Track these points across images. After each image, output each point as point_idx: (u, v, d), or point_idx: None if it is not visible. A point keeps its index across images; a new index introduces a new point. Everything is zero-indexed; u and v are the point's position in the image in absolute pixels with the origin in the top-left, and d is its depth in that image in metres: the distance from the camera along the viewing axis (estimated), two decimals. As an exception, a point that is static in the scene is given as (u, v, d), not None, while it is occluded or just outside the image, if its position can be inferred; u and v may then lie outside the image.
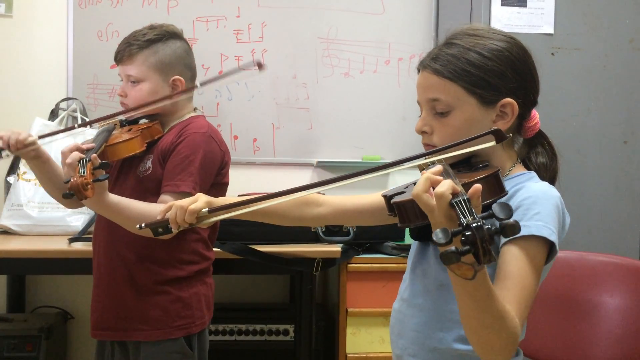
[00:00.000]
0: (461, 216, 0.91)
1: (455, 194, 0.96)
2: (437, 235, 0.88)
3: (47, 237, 2.50)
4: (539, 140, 1.31)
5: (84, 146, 1.67)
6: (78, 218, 2.56)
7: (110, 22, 2.88)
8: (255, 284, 3.06)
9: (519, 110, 1.22)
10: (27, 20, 2.88)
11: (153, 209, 1.68)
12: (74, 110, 2.84)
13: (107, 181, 1.64)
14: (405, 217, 1.08)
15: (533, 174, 1.26)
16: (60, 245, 2.31)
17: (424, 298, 1.27)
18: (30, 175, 2.60)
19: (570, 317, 1.64)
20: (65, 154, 1.63)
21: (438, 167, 1.05)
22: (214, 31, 2.93)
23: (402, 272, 1.37)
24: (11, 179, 2.69)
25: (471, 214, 0.91)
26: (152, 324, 1.81)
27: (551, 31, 2.59)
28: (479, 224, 0.87)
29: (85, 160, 1.57)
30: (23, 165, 2.62)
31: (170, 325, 1.82)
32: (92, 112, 2.87)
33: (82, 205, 2.01)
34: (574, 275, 1.67)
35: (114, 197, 1.68)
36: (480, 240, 0.86)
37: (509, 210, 0.89)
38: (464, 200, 0.94)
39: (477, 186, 0.97)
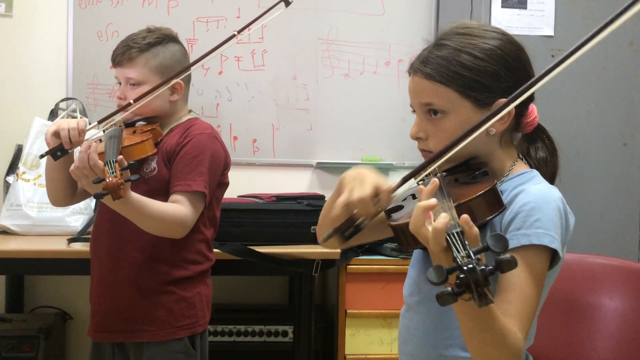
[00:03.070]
0: (455, 251, 0.88)
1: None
2: (431, 274, 0.85)
3: (46, 237, 2.49)
4: (539, 135, 1.28)
5: (99, 149, 1.64)
6: (77, 218, 2.55)
7: (110, 22, 2.88)
8: (254, 285, 3.05)
9: (515, 109, 1.17)
10: (27, 20, 2.88)
11: (172, 209, 1.75)
12: (74, 110, 2.83)
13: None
14: (404, 241, 1.05)
15: (535, 172, 1.23)
16: (59, 245, 2.31)
17: (430, 306, 1.23)
18: (30, 175, 2.59)
19: (569, 319, 1.64)
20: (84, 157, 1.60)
21: (431, 187, 1.00)
22: (214, 32, 2.93)
23: (402, 273, 1.36)
24: (10, 178, 2.68)
25: (465, 248, 0.88)
26: (157, 325, 1.81)
27: (551, 33, 2.59)
28: (472, 265, 0.83)
29: (113, 161, 1.57)
30: (22, 165, 2.62)
31: (175, 325, 1.82)
32: (91, 112, 2.87)
33: (75, 202, 1.98)
34: (573, 278, 1.67)
35: (136, 196, 1.68)
36: (474, 284, 0.83)
37: (504, 243, 0.86)
38: (457, 233, 0.91)
39: (465, 217, 0.94)
